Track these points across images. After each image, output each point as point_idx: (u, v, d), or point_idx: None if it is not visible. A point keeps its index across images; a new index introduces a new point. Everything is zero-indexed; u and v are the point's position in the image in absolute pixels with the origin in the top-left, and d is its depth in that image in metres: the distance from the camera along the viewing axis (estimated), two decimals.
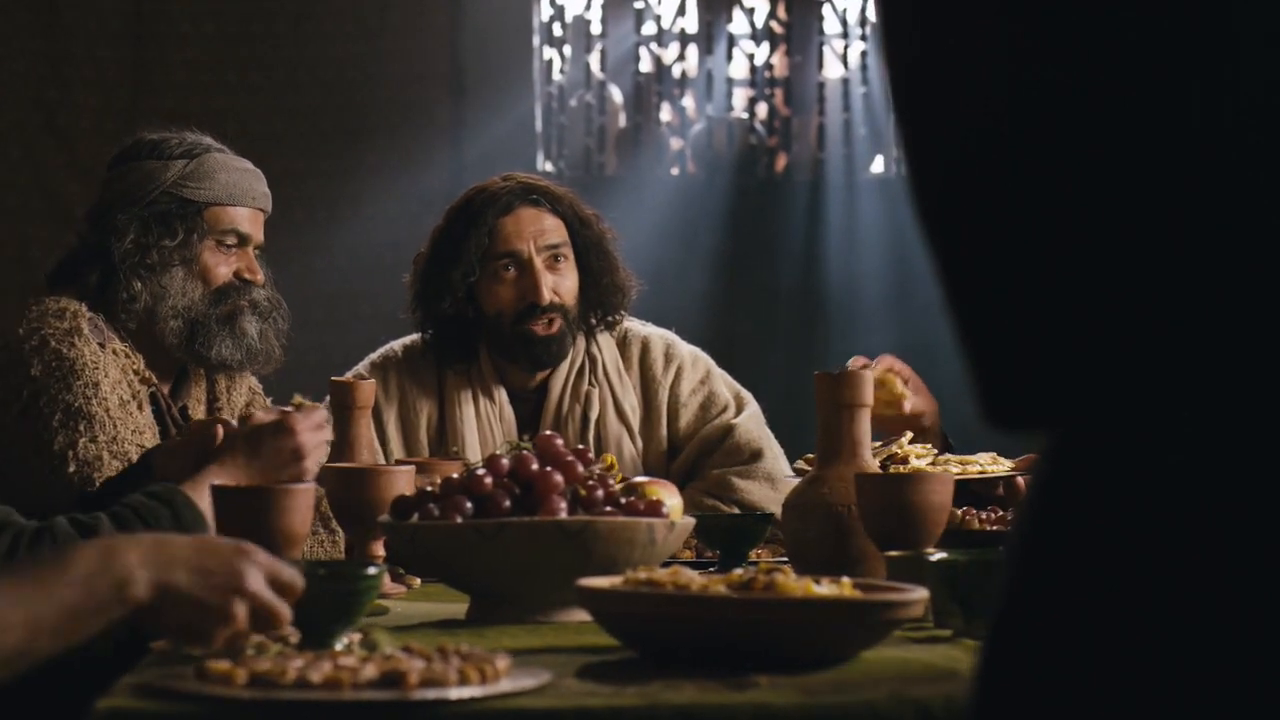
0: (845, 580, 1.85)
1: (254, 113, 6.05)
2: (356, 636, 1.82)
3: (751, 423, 3.48)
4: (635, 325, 3.59)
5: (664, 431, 3.47)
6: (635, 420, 3.45)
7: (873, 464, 2.49)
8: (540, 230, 3.41)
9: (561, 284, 3.41)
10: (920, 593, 1.81)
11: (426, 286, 3.43)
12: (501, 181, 3.47)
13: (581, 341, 3.50)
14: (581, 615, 2.08)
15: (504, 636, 1.95)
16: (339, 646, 1.79)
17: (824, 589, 1.81)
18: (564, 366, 3.46)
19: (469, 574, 2.18)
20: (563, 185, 3.55)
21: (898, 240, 6.15)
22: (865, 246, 6.22)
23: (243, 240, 3.11)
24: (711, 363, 3.57)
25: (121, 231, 3.01)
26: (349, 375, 3.35)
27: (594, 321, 3.49)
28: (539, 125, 6.39)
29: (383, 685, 1.56)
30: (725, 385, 3.54)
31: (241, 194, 3.11)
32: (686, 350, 3.56)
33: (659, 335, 3.58)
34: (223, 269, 3.09)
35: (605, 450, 3.37)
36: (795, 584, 1.79)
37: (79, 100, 6.01)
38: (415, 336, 3.53)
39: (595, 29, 6.53)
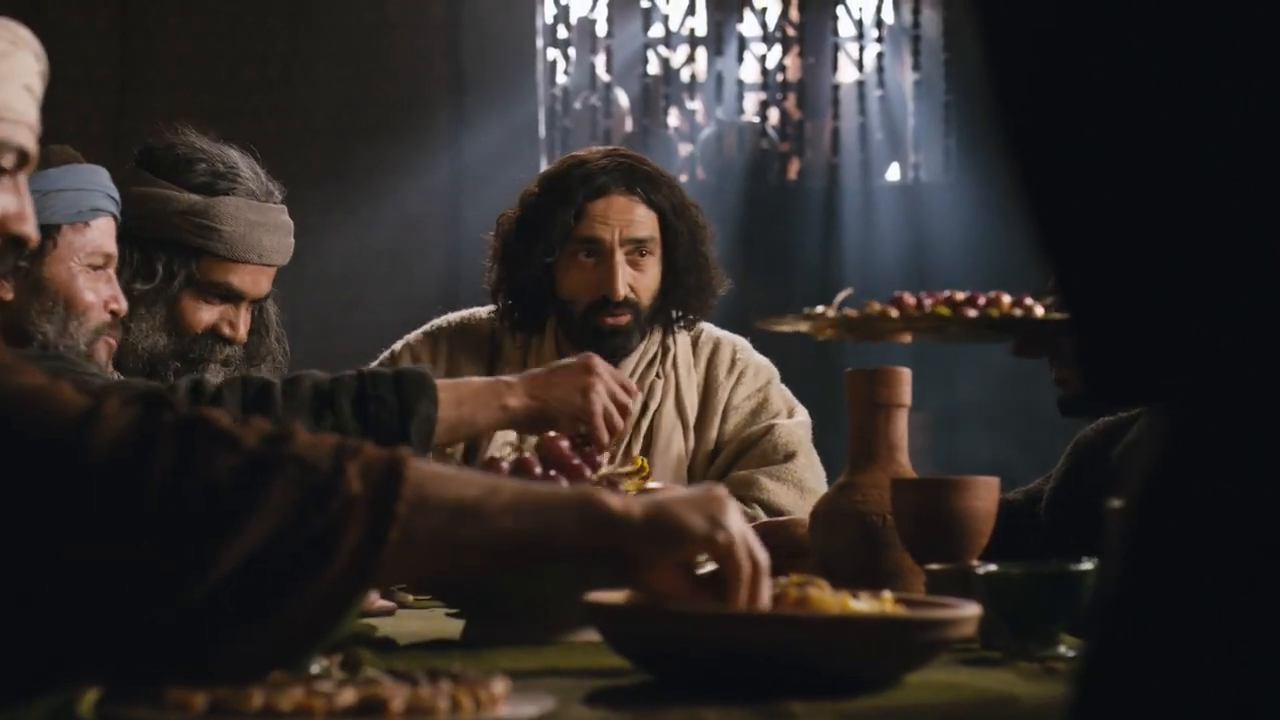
0: (886, 595, 1.73)
1: (245, 112, 6.05)
2: (336, 658, 1.69)
3: (796, 427, 3.41)
4: (711, 328, 3.54)
5: (714, 433, 3.43)
6: (691, 417, 3.41)
7: (910, 469, 2.33)
8: (629, 221, 3.31)
9: (640, 280, 3.33)
10: (972, 609, 1.69)
11: (506, 253, 3.36)
12: (602, 157, 3.37)
13: (658, 333, 3.43)
14: (589, 634, 1.99)
15: (502, 658, 1.87)
16: (315, 669, 1.64)
17: (863, 605, 1.69)
18: (634, 358, 3.41)
19: (465, 589, 2.12)
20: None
21: (917, 248, 6.11)
22: (883, 255, 6.17)
23: (234, 296, 2.97)
24: (775, 374, 3.52)
25: None
26: (398, 345, 3.37)
27: (674, 316, 3.42)
28: (542, 129, 6.42)
29: (361, 713, 1.42)
30: (781, 396, 3.49)
31: (245, 249, 2.96)
32: (755, 359, 3.52)
33: (731, 340, 3.53)
34: (202, 317, 2.96)
35: (656, 442, 3.36)
36: (831, 599, 1.68)
37: (63, 99, 5.98)
38: (473, 310, 3.49)
39: (601, 30, 6.57)
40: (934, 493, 2.19)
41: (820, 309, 2.11)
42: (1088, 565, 1.88)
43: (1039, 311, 2.10)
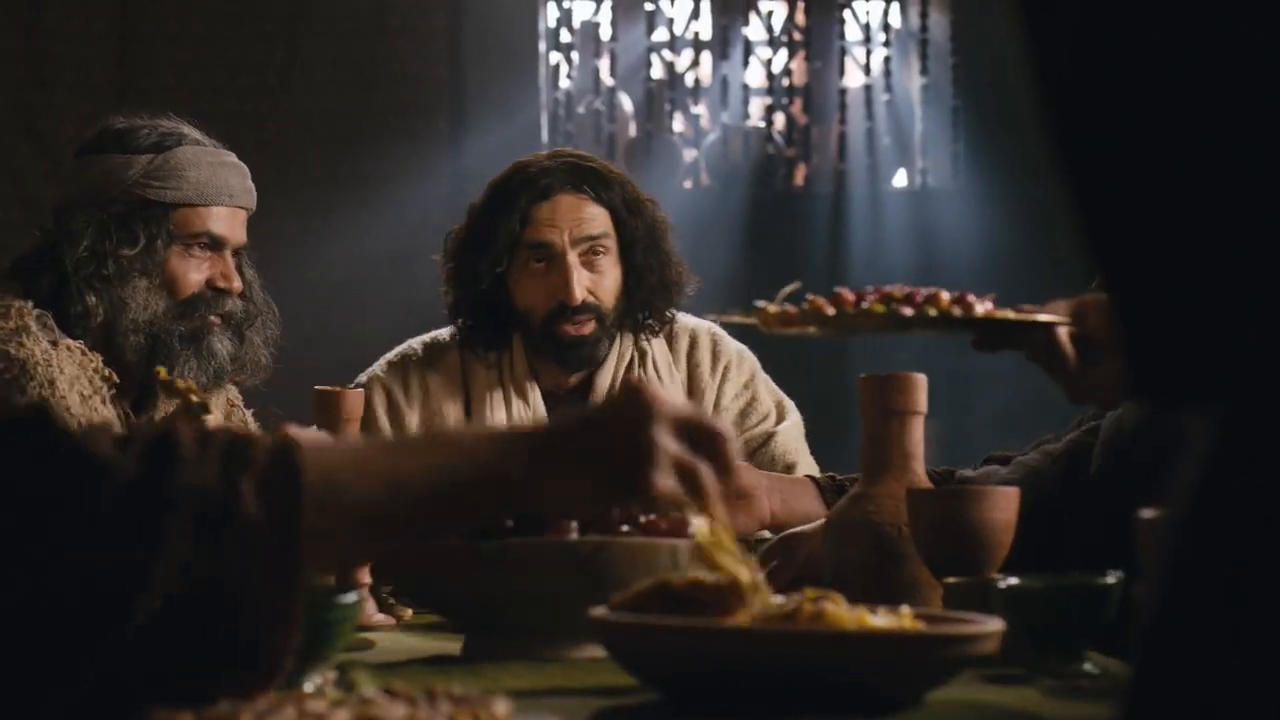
0: (905, 610, 1.68)
1: (244, 117, 6.04)
2: (331, 675, 1.68)
3: (791, 433, 3.35)
4: (683, 317, 3.42)
5: None
6: None
7: (925, 478, 2.28)
8: (578, 220, 3.21)
9: (599, 282, 3.22)
10: (995, 624, 1.64)
11: (457, 270, 3.27)
12: (547, 159, 3.29)
13: (629, 338, 3.33)
14: (595, 651, 1.95)
15: (505, 675, 1.84)
16: (307, 687, 1.64)
17: (882, 620, 1.64)
18: (610, 364, 3.31)
19: (464, 603, 2.06)
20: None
21: (925, 255, 6.10)
22: (891, 262, 6.17)
23: (217, 244, 2.96)
24: (756, 364, 3.43)
25: (76, 237, 2.86)
26: (363, 376, 3.29)
27: (641, 320, 3.32)
28: (544, 134, 6.44)
29: None
30: (768, 391, 3.41)
31: (215, 192, 2.95)
32: (733, 348, 3.42)
33: (705, 330, 3.42)
34: (193, 276, 2.94)
35: None
36: (848, 614, 1.62)
37: (61, 103, 6.00)
38: (437, 333, 3.40)
39: (604, 33, 6.58)
40: (952, 503, 2.14)
41: (762, 303, 2.05)
42: (1113, 578, 1.82)
43: (980, 309, 2.04)
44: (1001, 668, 1.85)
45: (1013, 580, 1.89)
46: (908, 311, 2.02)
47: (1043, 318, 2.08)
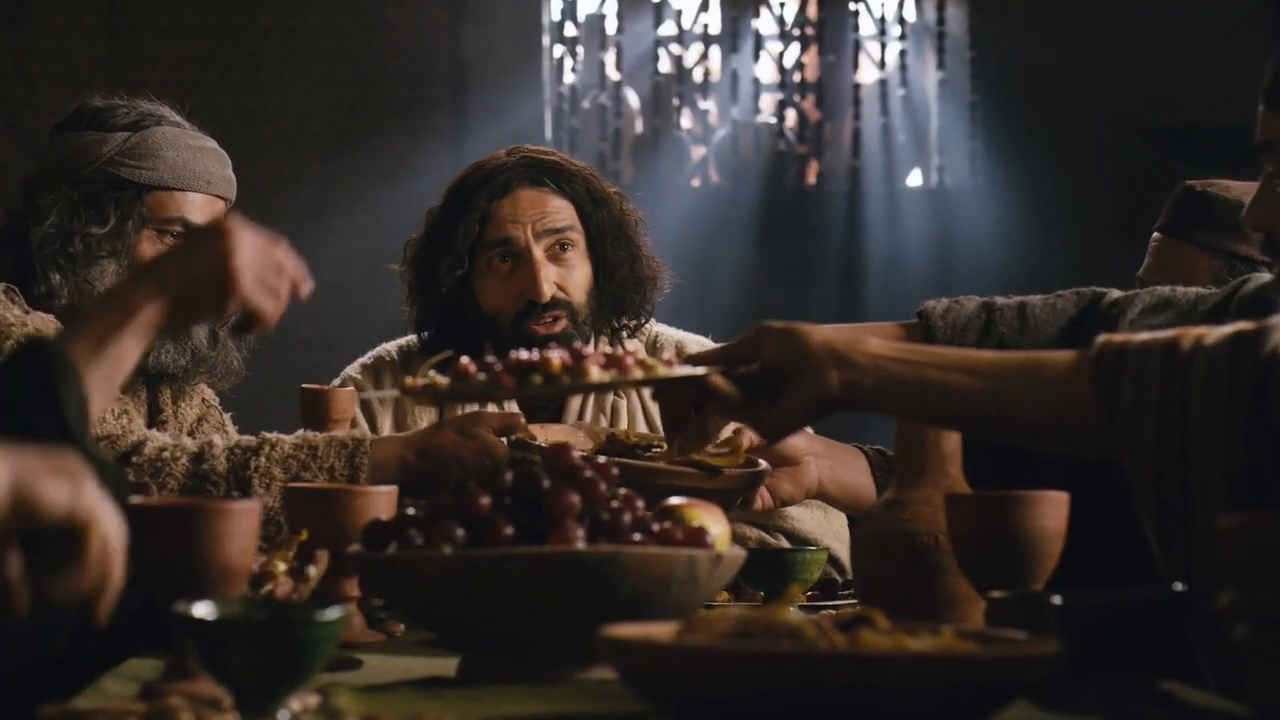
0: (946, 629, 1.60)
1: (238, 114, 6.10)
2: (312, 700, 1.64)
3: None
4: (667, 330, 3.39)
5: None
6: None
7: (964, 482, 2.21)
8: (541, 213, 3.16)
9: (568, 277, 3.16)
10: (1051, 646, 1.54)
11: (418, 279, 3.22)
12: (504, 156, 3.24)
13: (603, 345, 3.26)
14: (604, 673, 1.89)
15: (503, 700, 1.80)
16: (283, 715, 1.58)
17: (922, 641, 1.55)
18: None
19: (460, 619, 1.97)
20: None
21: (942, 255, 6.12)
22: (907, 263, 6.18)
23: None
24: None
25: (43, 214, 2.83)
26: (337, 380, 3.23)
27: (616, 323, 3.27)
28: (548, 130, 6.47)
29: None
30: None
31: (193, 177, 2.90)
32: None
33: (695, 342, 3.37)
34: None
35: None
36: (886, 635, 1.55)
37: (46, 99, 6.04)
38: (410, 338, 3.35)
39: (610, 26, 6.61)
40: (996, 510, 2.06)
41: (410, 379, 2.01)
42: (1184, 588, 1.71)
43: (595, 374, 1.98)
44: (1057, 694, 1.75)
45: (1069, 595, 1.76)
46: (507, 382, 1.98)
47: (686, 372, 2.02)
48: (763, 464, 2.63)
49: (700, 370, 2.00)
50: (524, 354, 1.97)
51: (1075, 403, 1.86)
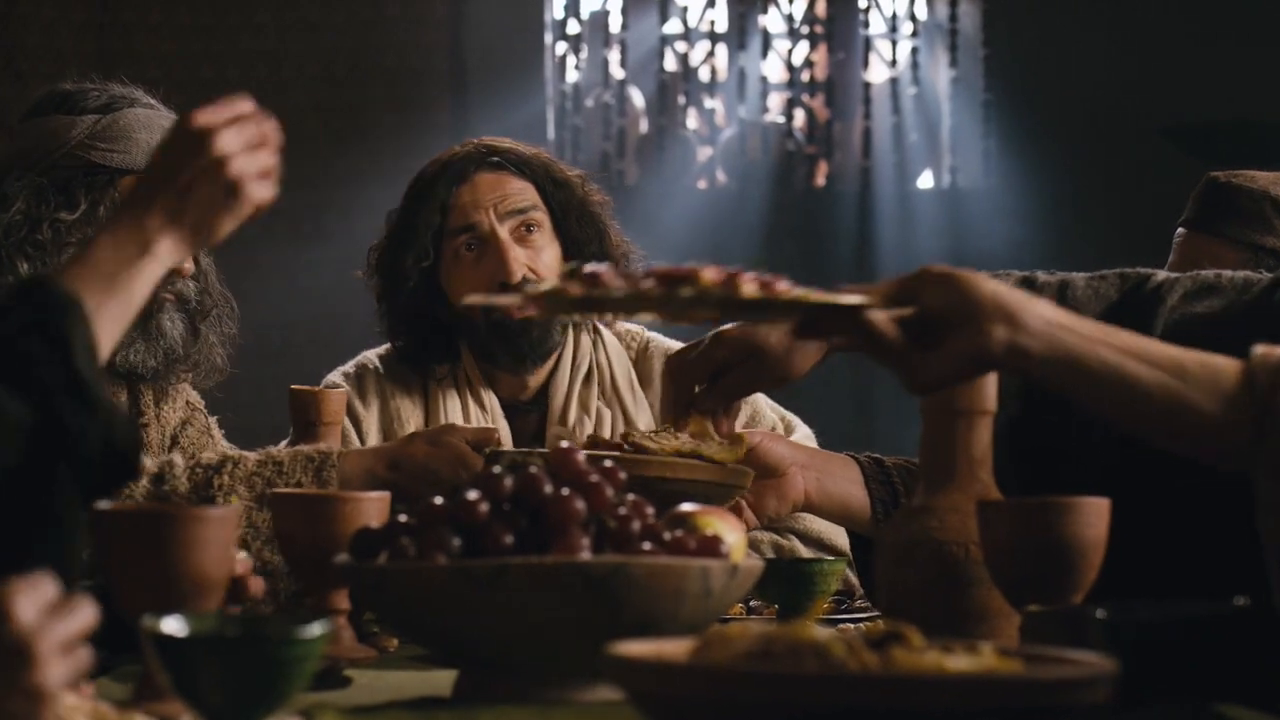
0: (985, 647, 1.50)
1: None
2: None
3: (807, 443, 3.20)
4: (659, 337, 3.36)
5: None
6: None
7: (995, 488, 2.13)
8: (502, 195, 3.14)
9: (537, 259, 3.13)
10: (1102, 664, 1.46)
11: (384, 282, 3.19)
12: (460, 147, 3.23)
13: (585, 344, 3.26)
14: (610, 694, 1.85)
15: None
16: None
17: (962, 661, 1.46)
18: (565, 372, 3.24)
19: (455, 634, 1.93)
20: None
21: (955, 257, 6.11)
22: (919, 265, 6.12)
23: None
24: None
25: (9, 200, 2.79)
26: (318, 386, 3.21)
27: None
28: (551, 129, 6.46)
29: None
30: (769, 406, 3.31)
31: None
32: None
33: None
34: None
35: None
36: (922, 654, 1.46)
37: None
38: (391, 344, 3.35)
39: (614, 24, 6.63)
40: (1032, 517, 1.99)
41: (533, 287, 1.95)
42: (1242, 601, 1.64)
43: (748, 289, 1.88)
44: (1102, 718, 1.59)
45: (1116, 609, 1.68)
46: (651, 290, 1.84)
47: (847, 300, 1.89)
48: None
49: (863, 300, 1.87)
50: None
51: (1240, 413, 1.77)
